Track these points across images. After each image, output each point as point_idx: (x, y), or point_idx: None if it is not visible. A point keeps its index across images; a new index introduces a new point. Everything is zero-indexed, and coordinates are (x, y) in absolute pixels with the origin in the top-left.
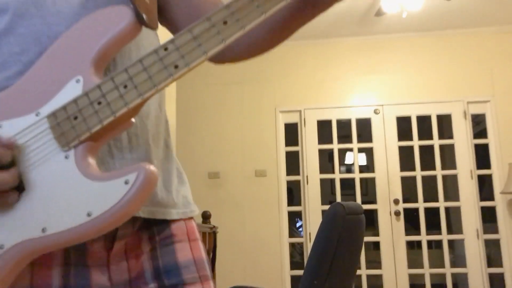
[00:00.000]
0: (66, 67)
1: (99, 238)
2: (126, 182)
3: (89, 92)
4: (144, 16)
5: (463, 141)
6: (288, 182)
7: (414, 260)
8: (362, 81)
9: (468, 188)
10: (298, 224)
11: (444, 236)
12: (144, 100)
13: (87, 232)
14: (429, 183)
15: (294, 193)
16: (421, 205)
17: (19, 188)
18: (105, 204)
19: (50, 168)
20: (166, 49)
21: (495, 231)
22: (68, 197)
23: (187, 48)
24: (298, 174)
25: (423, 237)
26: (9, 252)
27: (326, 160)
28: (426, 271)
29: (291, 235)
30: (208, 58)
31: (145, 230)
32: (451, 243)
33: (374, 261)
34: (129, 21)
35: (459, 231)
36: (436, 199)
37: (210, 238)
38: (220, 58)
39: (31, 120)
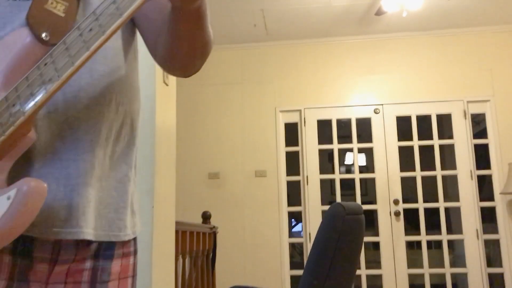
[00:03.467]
0: None
1: (44, 260)
2: (8, 198)
3: None
4: (44, 35)
5: (463, 141)
6: (288, 183)
7: (413, 260)
8: (362, 80)
9: (468, 188)
10: (295, 226)
11: (444, 236)
12: (29, 118)
13: None
14: (429, 183)
15: (290, 195)
16: (421, 206)
17: None
18: None
19: None
20: (45, 64)
21: (495, 231)
22: None
23: (61, 61)
24: (298, 174)
25: (423, 237)
26: None
27: (326, 160)
28: (426, 271)
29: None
30: (78, 66)
31: (91, 260)
32: (450, 243)
33: (374, 261)
34: (24, 44)
35: (459, 231)
36: (436, 200)
37: (210, 238)
38: (169, 71)
39: None
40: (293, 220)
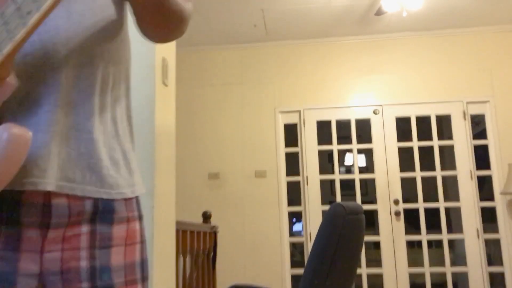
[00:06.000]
0: None
1: (34, 224)
2: None
3: None
4: None
5: (462, 141)
6: (288, 183)
7: (414, 259)
8: (361, 81)
9: (468, 188)
10: (296, 225)
11: (445, 236)
12: (6, 58)
13: None
14: (429, 184)
15: (290, 195)
16: (421, 206)
17: None
18: None
19: None
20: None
21: (495, 230)
22: None
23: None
24: (298, 174)
25: (423, 237)
26: None
27: (325, 160)
28: (427, 270)
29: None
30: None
31: (87, 225)
32: (451, 242)
33: (375, 260)
34: None
35: (459, 231)
36: (436, 200)
37: (211, 238)
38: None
39: None
40: (294, 219)
